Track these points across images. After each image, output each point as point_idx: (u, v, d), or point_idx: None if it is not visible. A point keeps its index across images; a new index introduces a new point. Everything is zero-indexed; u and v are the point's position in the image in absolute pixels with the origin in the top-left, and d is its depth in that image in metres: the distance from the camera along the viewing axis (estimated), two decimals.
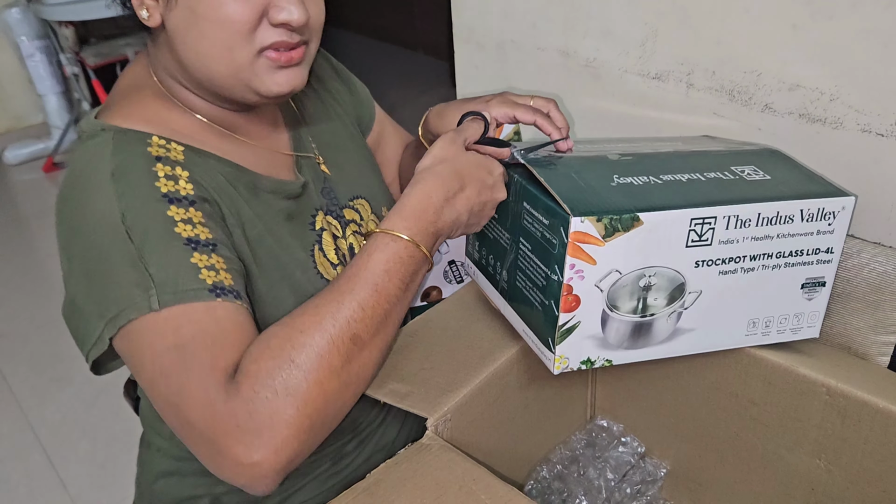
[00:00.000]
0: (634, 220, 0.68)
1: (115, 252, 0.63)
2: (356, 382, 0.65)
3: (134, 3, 0.69)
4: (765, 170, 0.78)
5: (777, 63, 0.85)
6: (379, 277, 0.65)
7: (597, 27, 1.03)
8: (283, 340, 0.61)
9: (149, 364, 0.62)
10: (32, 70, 3.22)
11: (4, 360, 2.24)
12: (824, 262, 0.75)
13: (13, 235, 2.95)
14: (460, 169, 0.72)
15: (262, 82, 0.70)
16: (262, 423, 0.58)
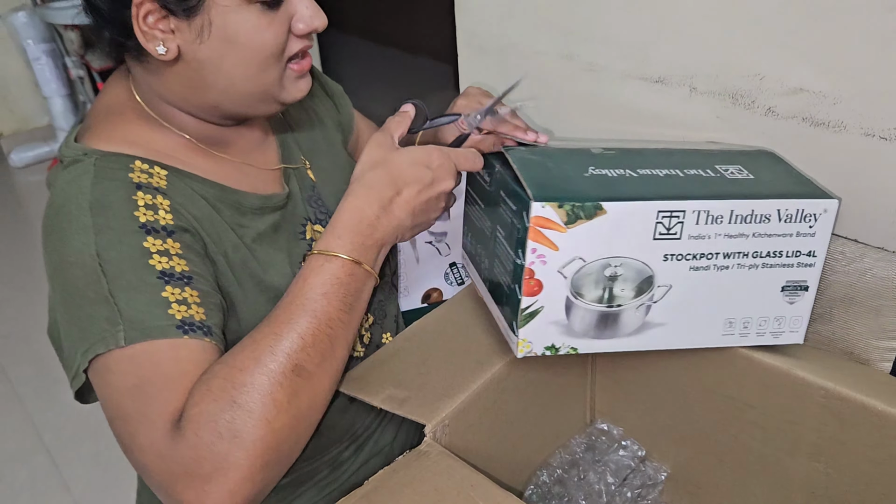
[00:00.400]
0: (597, 209, 0.68)
1: (88, 288, 0.63)
2: (308, 414, 0.63)
3: (143, 40, 0.67)
4: (750, 169, 0.78)
5: (779, 67, 0.85)
6: (317, 303, 0.63)
7: (598, 31, 1.02)
8: (223, 381, 0.59)
9: (110, 403, 0.63)
10: (38, 73, 3.23)
11: (9, 361, 2.25)
12: (806, 265, 0.74)
13: (18, 236, 2.96)
14: (393, 172, 0.70)
15: (288, 93, 0.74)
16: (210, 469, 0.57)
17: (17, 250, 2.85)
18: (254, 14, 0.67)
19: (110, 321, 0.62)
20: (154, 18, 0.66)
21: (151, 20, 0.66)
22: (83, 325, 0.63)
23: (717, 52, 0.90)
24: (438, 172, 0.73)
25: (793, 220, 0.72)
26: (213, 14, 0.66)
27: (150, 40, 0.66)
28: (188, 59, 0.68)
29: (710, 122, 0.94)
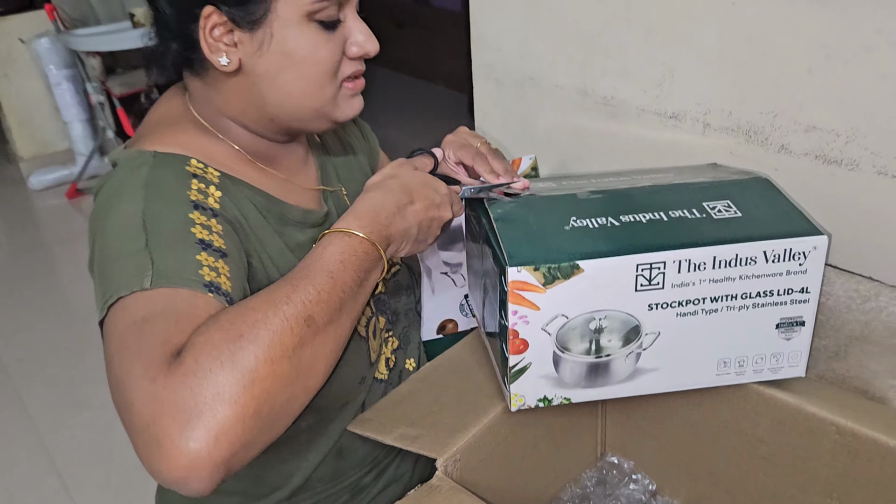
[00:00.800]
0: (574, 268, 0.69)
1: (126, 244, 0.64)
2: (307, 372, 0.60)
3: (207, 51, 0.71)
4: (739, 205, 0.77)
5: (793, 105, 0.85)
6: (334, 266, 0.64)
7: (614, 66, 1.04)
8: (234, 316, 0.57)
9: (113, 339, 0.60)
10: (59, 98, 3.29)
11: (23, 384, 2.26)
12: (800, 301, 0.73)
13: (36, 260, 3.00)
14: (408, 184, 0.74)
15: (341, 111, 0.78)
16: (202, 401, 0.52)
17: (35, 273, 2.88)
18: (312, 31, 0.72)
19: (140, 269, 0.62)
20: (220, 31, 0.70)
21: (217, 33, 0.70)
22: (113, 276, 0.63)
23: (731, 89, 0.91)
24: (444, 200, 0.77)
25: (781, 259, 0.71)
26: (274, 27, 0.70)
27: (214, 52, 0.71)
28: (247, 72, 0.73)
29: (724, 157, 0.95)
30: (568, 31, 1.08)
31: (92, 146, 3.38)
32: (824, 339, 0.81)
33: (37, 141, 3.58)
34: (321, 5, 0.71)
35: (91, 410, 2.10)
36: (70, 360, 2.34)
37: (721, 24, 0.89)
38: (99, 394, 2.14)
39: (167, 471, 0.52)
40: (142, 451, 0.54)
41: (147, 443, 0.53)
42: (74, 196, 3.39)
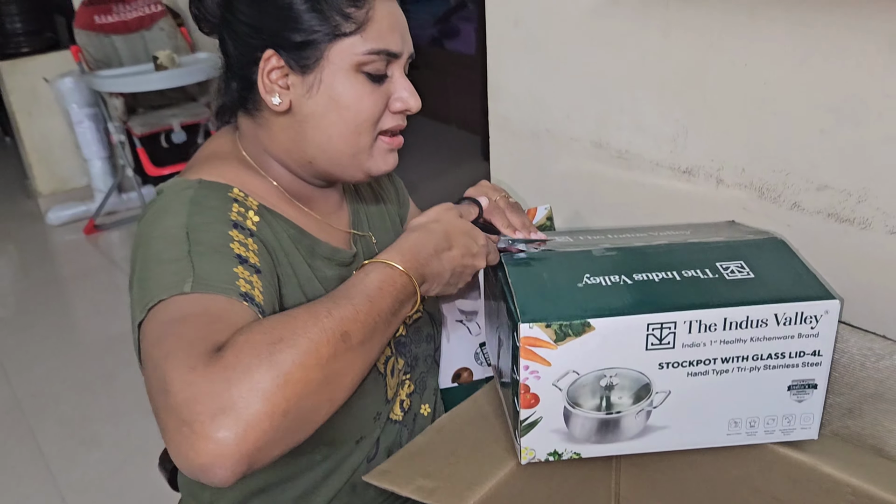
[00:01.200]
0: (586, 326, 0.70)
1: (168, 251, 0.69)
2: (335, 385, 0.62)
3: (263, 91, 0.77)
4: (752, 266, 0.77)
5: (805, 164, 0.87)
6: (374, 292, 0.67)
7: (629, 121, 1.06)
8: (275, 321, 0.60)
9: (153, 334, 0.63)
10: (80, 136, 3.35)
11: (36, 420, 2.27)
12: (812, 364, 0.74)
13: (51, 295, 3.02)
14: (450, 230, 0.77)
15: (375, 163, 0.82)
16: (237, 394, 0.55)
17: (50, 309, 2.91)
18: (359, 81, 0.77)
19: (181, 275, 0.66)
20: (277, 74, 0.77)
21: (274, 75, 0.77)
22: (154, 281, 0.67)
23: (745, 146, 0.93)
24: (481, 251, 0.80)
25: (792, 322, 0.72)
26: (325, 73, 0.76)
27: (269, 92, 0.77)
28: (295, 112, 0.78)
29: (737, 212, 0.96)
30: (583, 86, 1.11)
31: (111, 183, 3.43)
32: (839, 397, 0.81)
33: (56, 177, 3.64)
34: (369, 58, 0.76)
35: (103, 449, 2.11)
36: (84, 396, 2.35)
37: (734, 84, 0.91)
38: (111, 432, 2.15)
39: (194, 456, 0.54)
40: (172, 434, 0.56)
41: (178, 426, 0.55)
42: (92, 232, 3.43)
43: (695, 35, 0.93)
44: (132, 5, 3.13)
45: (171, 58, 2.78)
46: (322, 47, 0.75)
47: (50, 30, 3.59)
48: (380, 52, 0.77)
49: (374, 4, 0.76)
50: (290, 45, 0.75)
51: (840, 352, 0.80)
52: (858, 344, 0.79)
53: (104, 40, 3.08)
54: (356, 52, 0.76)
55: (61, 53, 3.39)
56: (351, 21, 0.75)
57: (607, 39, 1.05)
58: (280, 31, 0.75)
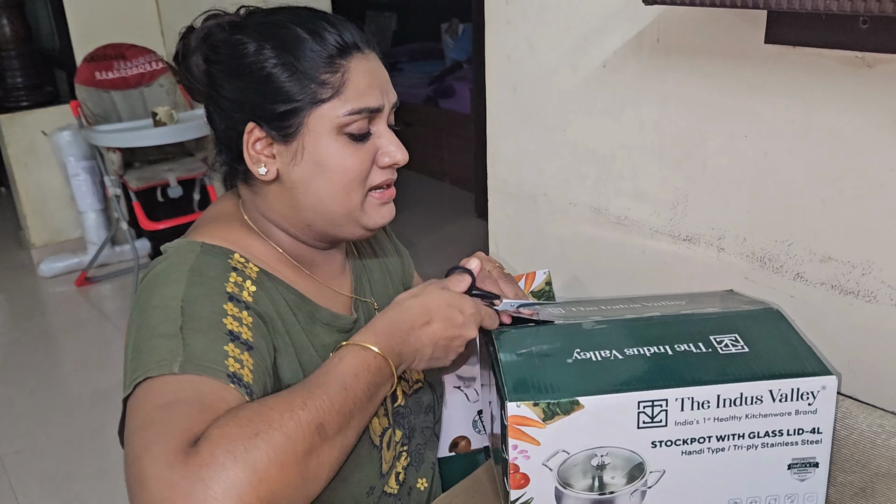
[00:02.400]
0: (574, 405, 0.69)
1: (162, 325, 0.69)
2: (311, 480, 0.62)
3: (249, 162, 0.78)
4: (747, 339, 0.76)
5: (807, 235, 0.87)
6: (348, 379, 0.67)
7: (628, 187, 1.06)
8: (252, 413, 0.60)
9: (138, 416, 0.62)
10: (76, 188, 3.35)
11: (17, 478, 2.21)
12: (812, 442, 0.72)
13: (40, 348, 2.98)
14: (429, 303, 0.77)
15: (370, 218, 0.82)
16: (212, 495, 0.55)
17: (38, 361, 2.86)
18: (341, 143, 0.78)
19: (172, 353, 0.66)
20: (261, 145, 0.78)
21: (259, 146, 0.78)
22: (146, 355, 0.67)
23: (746, 216, 0.93)
24: (468, 320, 0.79)
25: (788, 398, 0.70)
26: (306, 140, 0.77)
27: (255, 163, 0.78)
28: (284, 180, 0.79)
29: (740, 281, 0.96)
30: (582, 152, 1.11)
31: (104, 236, 3.42)
32: (850, 475, 0.79)
33: (50, 228, 3.62)
34: (349, 119, 0.77)
35: None
36: (68, 454, 2.29)
37: (734, 154, 0.91)
38: (94, 492, 2.09)
39: None
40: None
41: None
42: (83, 284, 3.41)
43: (693, 106, 0.94)
44: (133, 62, 3.17)
45: (169, 114, 2.80)
46: (301, 115, 0.76)
47: (50, 84, 3.63)
48: (360, 111, 0.78)
49: (349, 66, 0.77)
50: (270, 116, 0.76)
51: (849, 428, 0.78)
52: (868, 420, 0.77)
53: (103, 95, 3.11)
54: (336, 115, 0.77)
55: (60, 107, 3.42)
56: (327, 87, 0.76)
57: (605, 108, 1.06)
58: (259, 103, 0.77)
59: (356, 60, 0.78)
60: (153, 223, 2.93)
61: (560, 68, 1.10)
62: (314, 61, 0.76)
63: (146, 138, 2.77)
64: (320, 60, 0.76)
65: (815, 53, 0.80)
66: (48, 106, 3.45)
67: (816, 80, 0.81)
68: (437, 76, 4.87)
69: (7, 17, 3.34)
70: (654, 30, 0.95)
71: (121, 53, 3.16)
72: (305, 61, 0.76)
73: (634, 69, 0.99)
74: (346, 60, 0.77)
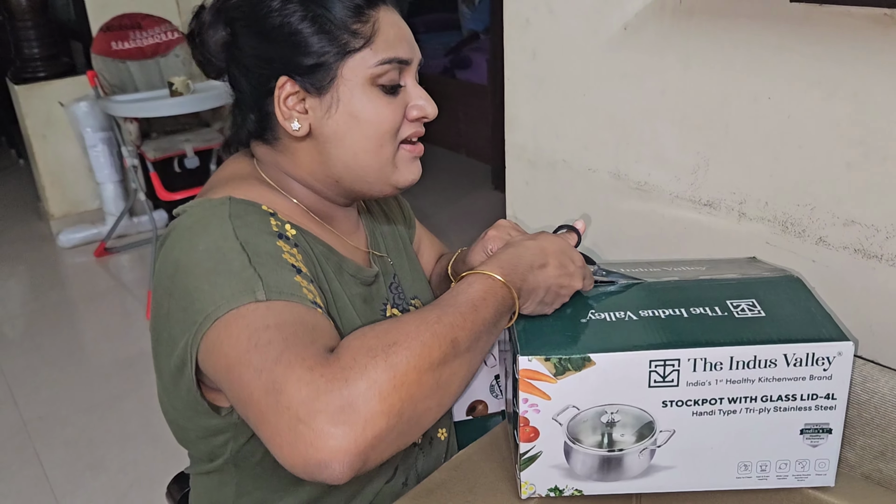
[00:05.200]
0: (586, 361, 0.69)
1: (224, 265, 0.67)
2: (445, 389, 0.64)
3: (281, 118, 0.77)
4: (764, 304, 0.76)
5: (831, 199, 0.86)
6: (478, 301, 0.68)
7: (649, 152, 1.05)
8: (388, 326, 0.63)
9: (244, 340, 0.62)
10: (94, 159, 3.37)
11: (41, 443, 2.25)
12: (826, 408, 0.71)
13: (61, 317, 3.02)
14: (546, 248, 0.78)
15: (401, 174, 0.82)
16: (357, 393, 0.56)
17: (59, 331, 2.90)
18: (375, 94, 0.78)
19: (249, 284, 0.65)
20: (293, 100, 0.77)
21: (291, 102, 0.77)
22: (215, 292, 0.65)
23: (768, 180, 0.92)
24: (578, 271, 0.79)
25: (803, 363, 0.70)
26: (341, 91, 0.77)
27: (287, 119, 0.78)
28: (316, 135, 0.79)
29: (761, 246, 0.95)
30: (601, 117, 1.10)
31: (122, 207, 3.44)
32: (870, 438, 0.79)
33: (68, 200, 3.65)
34: (382, 69, 0.77)
35: (108, 474, 2.09)
36: (90, 420, 2.33)
37: (757, 118, 0.90)
38: (117, 457, 2.13)
39: (313, 452, 0.55)
40: (285, 434, 0.57)
41: (293, 425, 0.56)
42: (102, 255, 3.44)
43: (716, 68, 0.93)
44: (149, 32, 3.16)
45: (186, 84, 2.79)
46: (334, 66, 0.76)
47: (66, 55, 3.63)
48: (391, 60, 0.78)
49: (378, 16, 0.78)
50: (302, 69, 0.76)
51: (870, 392, 0.78)
52: (889, 384, 0.77)
53: (120, 66, 3.11)
54: (369, 66, 0.77)
55: (77, 78, 3.42)
56: (359, 36, 0.76)
57: (626, 71, 1.04)
58: (290, 57, 0.76)
59: (383, 12, 0.78)
60: (170, 194, 2.94)
61: (580, 32, 1.08)
62: (343, 11, 0.76)
63: (163, 108, 2.77)
64: (349, 10, 0.76)
65: (842, 12, 0.79)
66: (65, 77, 3.45)
67: (843, 39, 0.80)
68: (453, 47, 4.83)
69: None
70: None
71: (137, 23, 3.15)
72: (335, 11, 0.76)
73: (656, 31, 0.98)
74: (373, 10, 0.77)
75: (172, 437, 0.84)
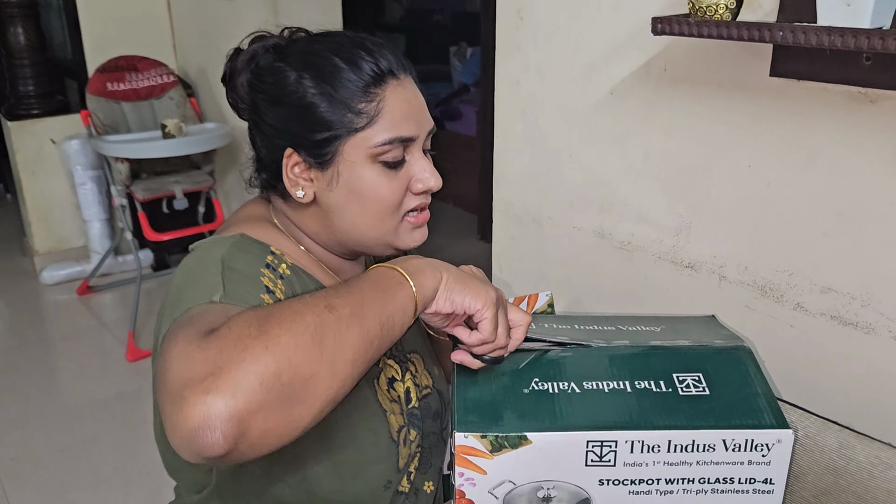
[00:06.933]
0: (522, 439, 0.69)
1: (201, 276, 0.73)
2: (331, 354, 0.62)
3: (288, 185, 0.81)
4: (711, 381, 0.75)
5: (808, 266, 0.88)
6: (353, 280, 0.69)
7: (633, 213, 1.07)
8: (265, 306, 0.65)
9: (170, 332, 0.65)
10: (82, 197, 3.36)
11: (12, 485, 2.20)
12: (764, 492, 0.71)
13: (39, 356, 2.98)
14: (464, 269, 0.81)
15: (402, 241, 0.84)
16: (227, 357, 0.57)
17: (36, 369, 2.86)
18: (376, 171, 0.79)
19: (210, 290, 0.71)
20: (299, 169, 0.80)
21: (297, 170, 0.80)
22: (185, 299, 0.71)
23: (748, 245, 0.94)
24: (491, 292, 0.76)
25: (742, 449, 0.69)
26: (341, 168, 0.79)
27: (293, 185, 0.81)
28: (320, 203, 0.82)
29: (740, 310, 0.97)
30: (587, 177, 1.13)
31: (108, 245, 3.43)
32: None
33: (54, 236, 3.63)
34: (384, 149, 0.78)
35: None
36: (63, 462, 2.28)
37: (738, 184, 0.93)
38: (88, 501, 2.08)
39: (184, 422, 0.55)
40: (168, 415, 0.57)
41: (173, 403, 0.56)
42: (85, 293, 3.41)
43: (698, 134, 0.95)
44: (144, 74, 3.20)
45: (178, 126, 2.81)
46: (337, 143, 0.78)
47: (61, 93, 3.65)
48: (393, 140, 0.79)
49: (384, 95, 0.79)
50: (308, 143, 0.79)
51: (847, 459, 0.79)
52: (865, 452, 0.77)
53: (114, 106, 3.13)
54: (370, 145, 0.78)
55: (70, 117, 3.44)
56: (363, 115, 0.78)
57: (610, 134, 1.07)
58: (298, 130, 0.79)
59: (391, 88, 0.80)
60: (158, 234, 2.93)
61: (568, 94, 1.11)
62: (350, 91, 0.78)
63: (155, 150, 2.78)
64: (356, 90, 0.78)
65: (819, 88, 0.82)
66: (58, 115, 3.47)
67: (820, 113, 0.83)
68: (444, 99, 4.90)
69: (22, 25, 3.37)
70: (661, 59, 0.97)
71: (133, 65, 3.19)
72: (342, 91, 0.78)
73: (641, 97, 1.01)
74: (380, 89, 0.79)
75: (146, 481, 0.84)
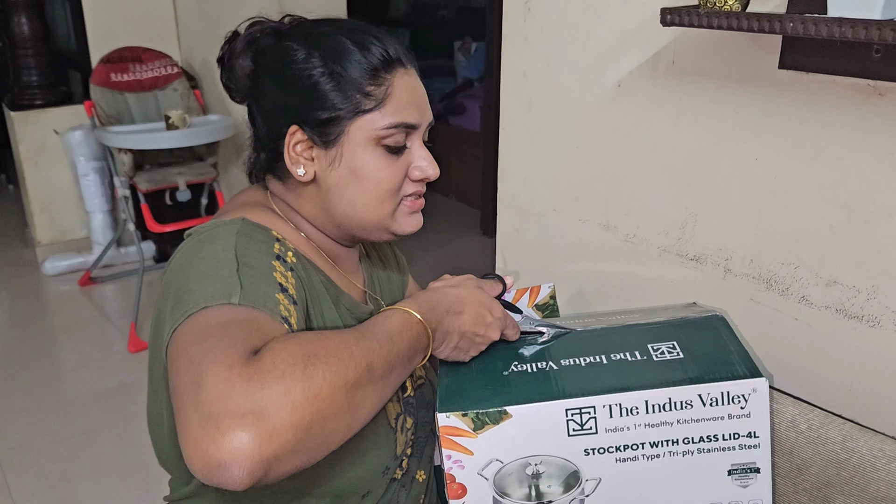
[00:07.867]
0: (503, 414, 0.70)
1: (215, 270, 0.71)
2: (355, 412, 0.64)
3: (289, 162, 0.81)
4: (684, 347, 0.77)
5: (814, 259, 0.88)
6: (394, 333, 0.70)
7: (638, 206, 1.07)
8: (311, 336, 0.63)
9: (193, 333, 0.64)
10: (84, 188, 3.36)
11: (13, 474, 2.20)
12: (750, 446, 0.72)
13: (40, 346, 2.98)
14: (464, 296, 0.81)
15: (399, 225, 0.85)
16: (269, 398, 0.56)
17: (38, 359, 2.86)
18: (378, 154, 0.80)
19: (229, 288, 0.68)
20: (301, 147, 0.80)
21: (299, 148, 0.80)
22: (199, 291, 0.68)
23: (754, 238, 0.94)
24: (495, 322, 0.81)
25: (718, 402, 0.70)
26: (345, 148, 0.80)
27: (294, 163, 0.81)
28: (320, 183, 0.82)
29: (745, 303, 0.97)
30: (593, 169, 1.13)
31: (110, 236, 3.43)
32: (849, 498, 0.80)
33: (56, 227, 3.63)
34: (388, 132, 0.80)
35: None
36: (64, 452, 2.29)
37: (745, 177, 0.93)
38: (90, 491, 2.09)
39: (214, 451, 0.55)
40: (194, 428, 0.56)
41: (203, 421, 0.56)
42: (86, 284, 3.41)
43: (706, 127, 0.95)
44: (149, 65, 3.19)
45: (182, 118, 2.81)
46: (344, 124, 0.79)
47: (64, 84, 3.65)
48: (398, 125, 0.80)
49: (393, 80, 0.80)
50: (313, 121, 0.79)
51: (850, 452, 0.79)
52: (868, 444, 0.78)
53: (118, 97, 3.13)
54: (375, 128, 0.79)
55: (73, 107, 3.43)
56: (371, 98, 0.79)
57: (617, 126, 1.07)
58: (305, 108, 0.79)
59: (399, 75, 0.81)
60: (160, 225, 2.93)
61: (575, 86, 1.11)
62: (360, 72, 0.79)
63: (158, 141, 2.78)
64: (365, 72, 0.79)
65: (828, 80, 0.82)
66: (61, 105, 3.46)
67: (828, 106, 0.82)
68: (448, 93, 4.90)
69: (26, 16, 3.37)
70: (669, 51, 0.97)
71: (137, 56, 3.18)
72: (352, 71, 0.79)
73: (649, 89, 1.01)
74: (389, 74, 0.80)
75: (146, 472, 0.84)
